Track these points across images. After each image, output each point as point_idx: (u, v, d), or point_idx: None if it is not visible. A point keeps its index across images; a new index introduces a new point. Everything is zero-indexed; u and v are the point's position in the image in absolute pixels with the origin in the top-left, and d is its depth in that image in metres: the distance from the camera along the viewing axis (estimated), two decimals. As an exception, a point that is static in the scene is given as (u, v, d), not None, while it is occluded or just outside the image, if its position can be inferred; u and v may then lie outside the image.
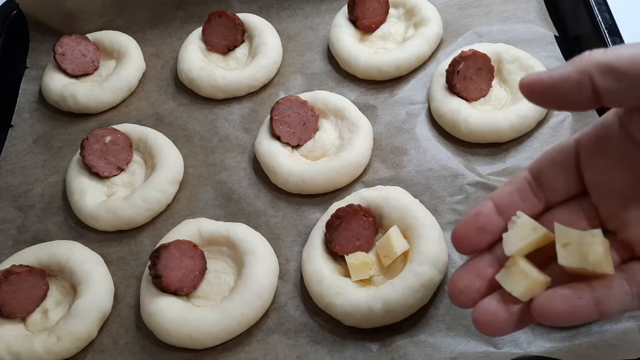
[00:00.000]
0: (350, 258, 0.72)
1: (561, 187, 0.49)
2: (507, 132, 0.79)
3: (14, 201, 0.89)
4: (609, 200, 0.47)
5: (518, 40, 0.89)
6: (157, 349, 0.72)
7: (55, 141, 0.95)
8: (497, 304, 0.45)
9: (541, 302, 0.43)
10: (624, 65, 0.39)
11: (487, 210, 0.48)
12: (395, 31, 0.96)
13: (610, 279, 0.43)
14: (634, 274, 0.43)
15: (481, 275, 0.47)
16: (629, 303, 0.43)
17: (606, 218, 0.47)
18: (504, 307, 0.44)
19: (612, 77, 0.39)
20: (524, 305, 0.44)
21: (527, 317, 0.44)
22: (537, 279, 0.44)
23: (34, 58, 1.04)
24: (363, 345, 0.68)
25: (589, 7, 0.84)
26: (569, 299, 0.42)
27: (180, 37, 1.03)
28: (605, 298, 0.42)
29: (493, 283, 0.47)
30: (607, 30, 0.80)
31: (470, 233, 0.48)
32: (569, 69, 0.41)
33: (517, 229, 0.46)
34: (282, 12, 1.03)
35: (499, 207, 0.48)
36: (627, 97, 0.41)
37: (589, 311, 0.42)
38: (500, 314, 0.44)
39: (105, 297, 0.75)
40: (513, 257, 0.46)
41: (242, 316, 0.70)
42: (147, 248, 0.81)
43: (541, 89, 0.42)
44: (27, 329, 0.75)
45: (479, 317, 0.45)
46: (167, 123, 0.94)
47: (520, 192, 0.49)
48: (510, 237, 0.46)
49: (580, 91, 0.41)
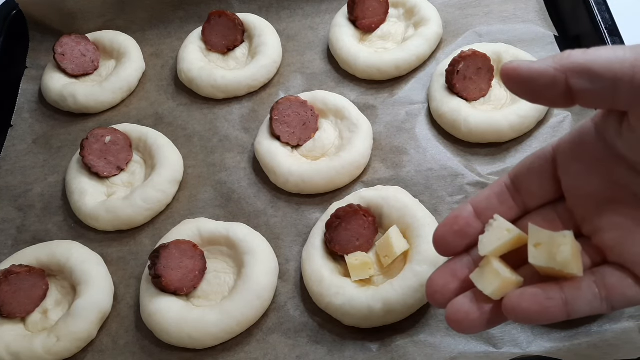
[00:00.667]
0: (350, 258, 0.72)
1: (538, 192, 0.50)
2: (507, 132, 0.79)
3: (14, 201, 0.89)
4: (583, 206, 0.48)
5: (518, 40, 0.89)
6: (157, 349, 0.72)
7: (55, 141, 0.95)
8: (470, 303, 0.46)
9: (511, 300, 0.43)
10: (599, 68, 0.40)
11: (466, 214, 0.49)
12: (395, 31, 0.96)
13: (579, 280, 0.44)
14: (604, 277, 0.44)
15: (457, 276, 0.48)
16: (598, 306, 0.43)
17: (581, 223, 0.48)
18: (476, 306, 0.45)
19: (586, 78, 0.40)
20: (496, 304, 0.45)
21: (499, 316, 0.45)
22: (509, 279, 0.45)
23: (34, 58, 1.04)
24: (363, 345, 0.68)
25: (589, 7, 0.84)
26: (538, 298, 0.43)
27: (180, 37, 1.03)
28: (574, 299, 0.43)
29: (468, 283, 0.48)
30: (607, 30, 0.80)
31: (449, 236, 0.49)
32: (548, 64, 0.41)
33: (493, 230, 0.47)
34: (282, 12, 1.03)
35: (477, 210, 0.50)
36: (600, 100, 0.41)
37: (557, 311, 0.43)
38: (472, 312, 0.45)
39: (105, 297, 0.75)
40: (487, 257, 0.47)
41: (242, 316, 0.70)
42: (147, 248, 0.81)
43: (518, 79, 0.42)
44: (27, 329, 0.75)
45: (451, 314, 0.46)
46: (167, 123, 0.94)
47: (498, 196, 0.50)
48: (485, 239, 0.47)
49: (554, 88, 0.41)
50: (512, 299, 0.43)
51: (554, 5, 0.93)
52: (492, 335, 0.65)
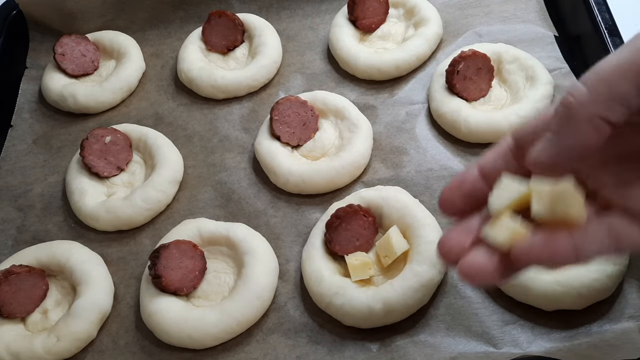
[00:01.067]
0: (350, 258, 0.72)
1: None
2: (507, 132, 0.78)
3: (14, 201, 0.89)
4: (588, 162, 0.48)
5: (518, 40, 0.89)
6: (156, 349, 0.72)
7: (55, 141, 0.95)
8: (482, 255, 0.46)
9: (520, 246, 0.44)
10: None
11: (472, 177, 0.50)
12: (395, 31, 0.96)
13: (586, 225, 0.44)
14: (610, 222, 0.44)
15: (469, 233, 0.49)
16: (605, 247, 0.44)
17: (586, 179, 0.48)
18: (488, 258, 0.46)
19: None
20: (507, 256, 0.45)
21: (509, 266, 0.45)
22: (519, 230, 0.45)
23: (34, 58, 1.04)
24: (363, 345, 0.68)
25: (589, 7, 0.84)
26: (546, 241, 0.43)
27: (180, 37, 1.03)
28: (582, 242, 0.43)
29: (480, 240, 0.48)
30: (606, 31, 0.80)
31: (456, 197, 0.50)
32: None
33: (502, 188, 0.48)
34: (282, 12, 1.03)
35: (483, 172, 0.50)
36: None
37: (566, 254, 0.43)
38: (484, 265, 0.46)
39: (105, 297, 0.75)
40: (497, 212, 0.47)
41: (242, 316, 0.70)
42: (147, 248, 0.81)
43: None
44: (27, 329, 0.75)
45: (465, 268, 0.46)
46: (167, 123, 0.94)
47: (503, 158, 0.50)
48: (495, 196, 0.48)
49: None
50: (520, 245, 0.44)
51: (554, 5, 0.93)
52: (492, 336, 0.65)
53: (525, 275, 0.65)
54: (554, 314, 0.65)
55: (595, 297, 0.64)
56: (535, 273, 0.65)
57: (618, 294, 0.65)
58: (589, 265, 0.64)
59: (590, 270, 0.64)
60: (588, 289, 0.63)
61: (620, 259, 0.65)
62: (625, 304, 0.65)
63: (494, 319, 0.67)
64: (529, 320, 0.66)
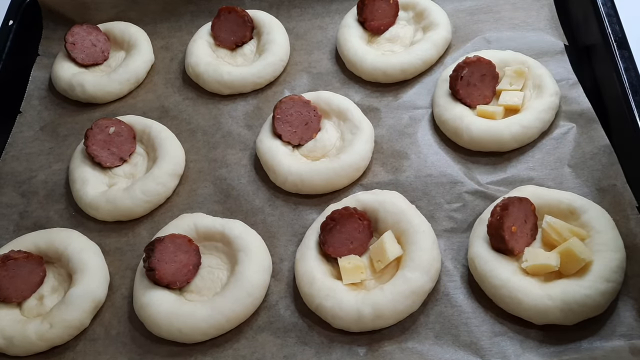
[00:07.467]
0: (343, 261, 0.71)
1: None
2: (509, 141, 0.78)
3: (18, 187, 0.90)
4: None
5: (527, 48, 0.87)
6: (147, 341, 0.72)
7: (62, 129, 0.96)
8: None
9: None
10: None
11: None
12: (403, 34, 0.95)
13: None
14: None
15: None
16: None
17: None
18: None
19: None
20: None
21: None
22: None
23: (46, 46, 1.05)
24: (350, 349, 0.68)
25: (599, 17, 0.82)
26: None
27: (190, 31, 1.04)
28: None
29: None
30: (616, 43, 0.79)
31: None
32: None
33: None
34: (293, 10, 1.03)
35: None
36: None
37: None
38: None
39: (100, 286, 0.76)
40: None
41: (232, 313, 0.70)
42: (145, 240, 0.81)
43: None
44: (22, 314, 0.76)
45: None
46: (172, 116, 0.94)
47: None
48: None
49: None
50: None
51: (566, 14, 0.91)
52: (480, 347, 0.65)
53: (517, 288, 0.65)
54: (544, 328, 0.64)
55: (586, 314, 0.63)
56: (527, 285, 0.64)
57: (611, 312, 0.64)
58: (582, 281, 0.64)
59: (583, 287, 0.63)
60: (579, 305, 0.62)
61: (615, 277, 0.64)
62: (617, 322, 0.64)
63: (484, 330, 0.66)
64: (518, 333, 0.65)
